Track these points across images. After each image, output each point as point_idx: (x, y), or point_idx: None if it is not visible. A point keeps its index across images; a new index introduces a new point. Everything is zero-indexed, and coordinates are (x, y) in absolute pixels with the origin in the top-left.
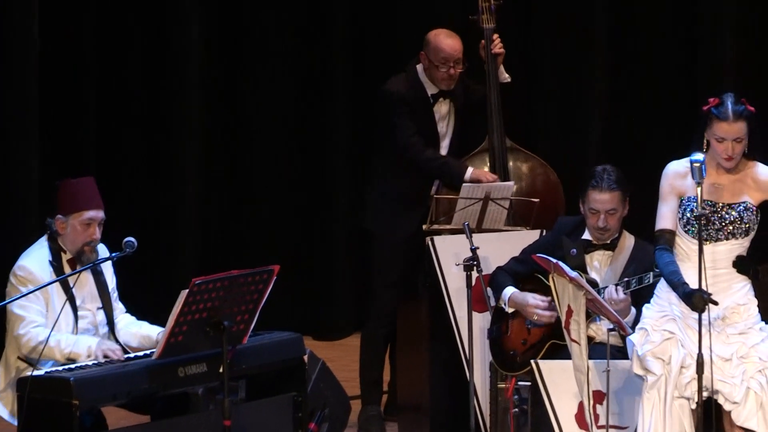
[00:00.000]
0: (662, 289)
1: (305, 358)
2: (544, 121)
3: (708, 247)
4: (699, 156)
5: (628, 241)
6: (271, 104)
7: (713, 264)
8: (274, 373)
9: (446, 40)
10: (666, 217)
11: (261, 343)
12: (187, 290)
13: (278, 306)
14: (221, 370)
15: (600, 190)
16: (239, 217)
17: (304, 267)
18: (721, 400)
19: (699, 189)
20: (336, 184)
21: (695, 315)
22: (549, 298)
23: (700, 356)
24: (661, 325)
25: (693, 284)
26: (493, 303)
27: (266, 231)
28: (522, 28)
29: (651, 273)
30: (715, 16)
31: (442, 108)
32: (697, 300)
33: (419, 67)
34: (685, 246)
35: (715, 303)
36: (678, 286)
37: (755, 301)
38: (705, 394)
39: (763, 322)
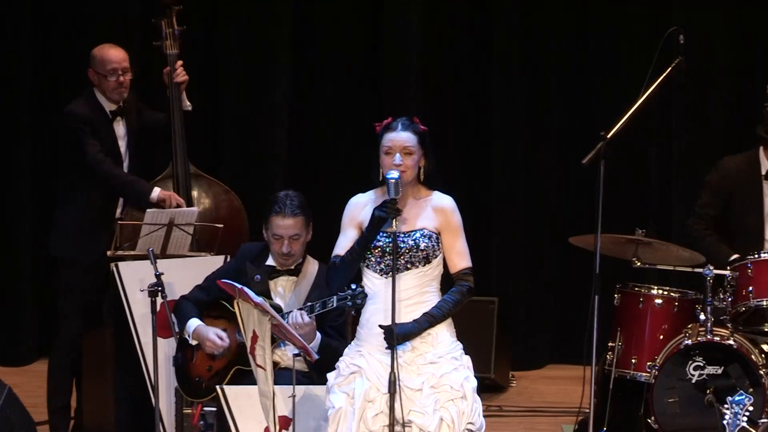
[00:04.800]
0: (360, 330)
1: None
2: (228, 146)
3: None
4: (394, 173)
5: (312, 266)
6: None
7: (401, 296)
8: None
9: (111, 50)
10: (342, 246)
11: None
12: None
13: None
14: None
15: (283, 216)
16: None
17: None
18: (415, 431)
19: None
20: (20, 208)
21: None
22: (227, 342)
23: (392, 374)
24: (352, 359)
25: (386, 321)
26: (177, 329)
27: None
28: (208, 53)
29: (335, 297)
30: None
31: (119, 128)
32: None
33: (95, 90)
34: (371, 283)
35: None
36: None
37: (446, 329)
38: (398, 428)
39: (462, 351)
